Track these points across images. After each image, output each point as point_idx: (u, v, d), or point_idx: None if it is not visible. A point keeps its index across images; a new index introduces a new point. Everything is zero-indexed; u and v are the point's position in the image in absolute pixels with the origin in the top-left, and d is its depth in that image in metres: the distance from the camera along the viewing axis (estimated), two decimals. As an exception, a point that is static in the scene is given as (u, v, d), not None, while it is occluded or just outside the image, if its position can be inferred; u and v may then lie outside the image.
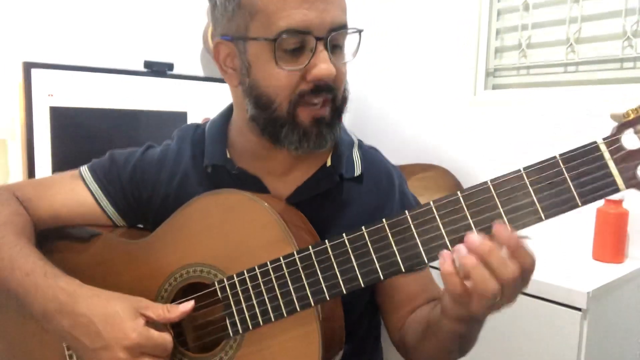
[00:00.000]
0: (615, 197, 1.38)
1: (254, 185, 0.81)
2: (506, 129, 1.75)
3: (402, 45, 2.08)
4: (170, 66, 1.70)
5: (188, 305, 0.71)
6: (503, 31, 1.83)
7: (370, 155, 0.89)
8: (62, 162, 1.52)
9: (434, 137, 1.98)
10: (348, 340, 0.83)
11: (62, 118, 1.52)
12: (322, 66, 0.71)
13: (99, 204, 0.86)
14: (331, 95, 0.74)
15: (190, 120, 1.76)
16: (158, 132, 1.68)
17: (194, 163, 0.85)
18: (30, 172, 1.49)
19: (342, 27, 0.72)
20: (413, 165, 1.94)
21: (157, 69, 1.68)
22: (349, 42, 0.77)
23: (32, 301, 0.70)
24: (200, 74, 1.87)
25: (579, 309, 1.19)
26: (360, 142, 0.90)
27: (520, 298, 1.27)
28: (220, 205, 0.74)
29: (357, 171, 0.83)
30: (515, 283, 0.55)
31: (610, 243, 1.40)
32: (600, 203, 1.42)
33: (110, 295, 0.69)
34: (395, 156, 1.04)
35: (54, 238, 0.85)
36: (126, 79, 1.62)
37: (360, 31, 0.76)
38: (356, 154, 0.85)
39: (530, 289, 1.27)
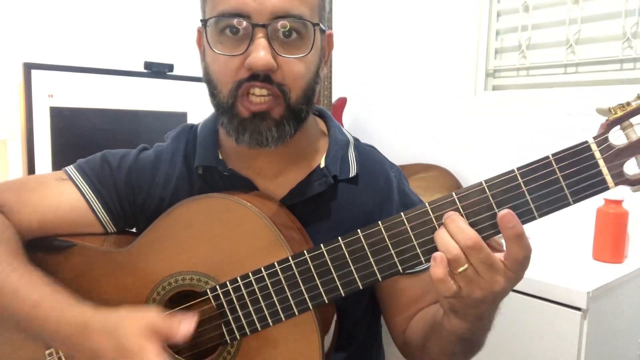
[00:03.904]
0: (615, 197, 1.38)
1: (245, 187, 0.78)
2: (506, 129, 1.75)
3: (402, 46, 2.08)
4: (170, 67, 1.70)
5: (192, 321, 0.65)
6: (503, 32, 1.83)
7: (367, 155, 0.85)
8: (62, 162, 1.52)
9: (433, 137, 1.98)
10: (348, 345, 0.82)
11: (62, 118, 1.52)
12: (256, 54, 0.65)
13: (90, 206, 0.80)
14: (277, 88, 0.68)
15: (190, 120, 1.76)
16: (158, 133, 1.67)
17: (186, 165, 0.82)
18: (30, 172, 1.49)
19: (288, 16, 0.66)
20: (413, 165, 1.94)
21: (157, 70, 1.68)
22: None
23: (44, 336, 0.68)
24: (200, 74, 1.87)
25: (579, 309, 1.19)
26: (356, 141, 0.87)
27: (520, 298, 1.29)
28: (205, 210, 0.71)
29: (352, 172, 0.80)
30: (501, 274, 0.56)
31: (610, 243, 1.39)
32: (600, 203, 1.42)
33: (120, 325, 0.64)
34: (395, 156, 1.03)
35: (27, 251, 0.78)
36: (126, 80, 1.62)
37: (314, 24, 0.69)
38: (352, 154, 0.82)
39: (530, 289, 1.29)
